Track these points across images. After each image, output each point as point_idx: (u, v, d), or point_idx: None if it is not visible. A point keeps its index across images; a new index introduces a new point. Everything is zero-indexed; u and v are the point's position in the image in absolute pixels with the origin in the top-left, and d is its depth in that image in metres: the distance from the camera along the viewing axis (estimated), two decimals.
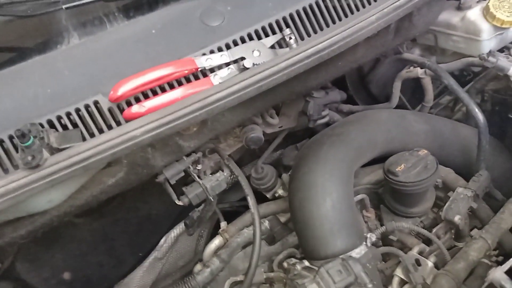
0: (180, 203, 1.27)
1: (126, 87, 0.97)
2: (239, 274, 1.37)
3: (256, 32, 1.11)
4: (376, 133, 1.29)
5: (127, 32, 1.13)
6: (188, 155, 1.22)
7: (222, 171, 1.31)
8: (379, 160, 1.36)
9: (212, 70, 1.07)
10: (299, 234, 1.13)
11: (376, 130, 1.29)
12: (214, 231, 1.56)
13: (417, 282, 1.07)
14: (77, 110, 0.99)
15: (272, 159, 1.65)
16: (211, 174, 1.32)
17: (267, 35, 1.11)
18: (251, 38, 1.10)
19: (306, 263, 1.08)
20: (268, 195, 1.60)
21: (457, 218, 1.22)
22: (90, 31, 1.14)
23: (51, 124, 0.98)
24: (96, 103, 1.00)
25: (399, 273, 1.12)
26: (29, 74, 1.05)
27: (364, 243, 1.12)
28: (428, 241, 1.24)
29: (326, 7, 1.15)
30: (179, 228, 1.57)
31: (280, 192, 1.58)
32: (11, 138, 0.96)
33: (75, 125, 0.99)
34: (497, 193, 1.32)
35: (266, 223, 1.44)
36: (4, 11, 1.10)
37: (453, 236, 1.29)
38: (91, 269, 1.64)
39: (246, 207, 1.65)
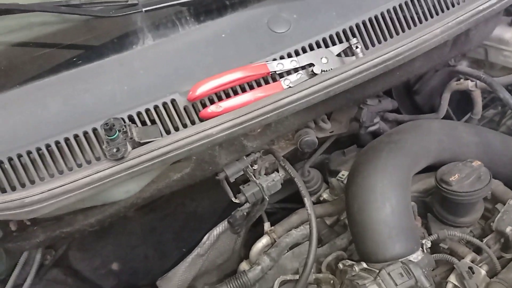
0: (237, 200, 1.31)
1: (204, 88, 1.02)
2: (288, 274, 1.41)
3: (324, 40, 1.15)
4: (430, 142, 1.32)
5: (199, 35, 1.18)
6: (247, 155, 1.27)
7: (277, 171, 1.35)
8: (427, 169, 1.39)
9: (281, 75, 1.11)
10: (357, 236, 1.17)
11: (430, 139, 1.32)
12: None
13: None
14: (155, 107, 1.04)
15: (317, 163, 1.69)
16: (265, 174, 1.36)
17: (333, 43, 1.15)
18: (318, 46, 1.14)
19: (364, 265, 1.11)
20: (313, 199, 1.64)
21: (508, 229, 1.24)
22: (164, 33, 1.19)
23: (131, 119, 1.03)
24: (173, 101, 1.05)
25: (453, 279, 1.15)
26: (107, 72, 1.10)
27: (421, 249, 1.15)
28: (477, 251, 1.27)
29: (391, 18, 1.19)
30: (222, 226, 1.61)
31: (325, 196, 1.62)
32: (94, 130, 1.01)
33: (152, 122, 1.05)
34: None
35: None
36: (84, 11, 1.15)
37: (501, 247, 1.31)
38: (138, 261, 1.69)
39: (285, 209, 1.70)
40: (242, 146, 1.19)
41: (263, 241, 1.50)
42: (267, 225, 1.56)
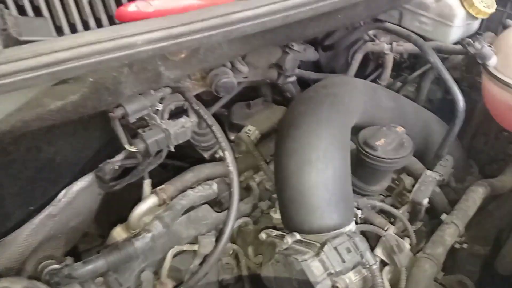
0: (132, 148, 0.99)
1: None
2: (183, 243, 1.15)
3: None
4: (359, 101, 1.18)
5: None
6: (157, 90, 0.96)
7: (188, 116, 1.06)
8: None
9: None
10: (289, 202, 0.97)
11: (358, 98, 1.18)
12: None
13: (402, 265, 0.99)
14: None
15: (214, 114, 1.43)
16: (168, 119, 1.06)
17: None
18: None
19: (298, 236, 0.92)
20: (206, 155, 1.39)
21: (425, 201, 1.19)
22: None
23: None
24: None
25: (379, 253, 1.04)
26: None
27: (354, 219, 1.00)
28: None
29: None
30: (85, 180, 1.25)
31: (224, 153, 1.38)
32: None
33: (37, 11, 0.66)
34: (452, 180, 1.33)
35: (214, 186, 1.23)
36: None
37: (409, 218, 1.26)
38: None
39: (165, 166, 1.41)
40: (157, 75, 0.87)
41: (149, 202, 1.18)
42: (147, 183, 1.24)
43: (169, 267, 1.12)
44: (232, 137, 1.37)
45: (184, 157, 1.47)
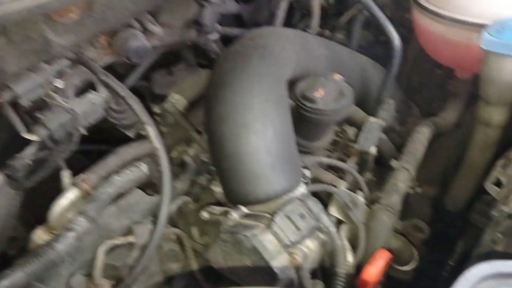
0: (33, 137, 0.82)
1: None
2: (116, 236, 1.00)
3: None
4: (291, 52, 1.07)
5: None
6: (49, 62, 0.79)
7: (96, 91, 0.90)
8: None
9: None
10: (228, 173, 0.85)
11: (290, 48, 1.07)
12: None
13: (359, 221, 0.92)
14: None
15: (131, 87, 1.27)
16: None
17: None
18: None
19: (245, 209, 0.81)
20: (130, 134, 1.24)
21: (373, 150, 1.12)
22: None
23: None
24: None
25: (334, 212, 0.95)
26: None
27: (303, 180, 0.91)
28: None
29: None
30: None
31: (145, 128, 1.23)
32: None
33: None
34: (395, 124, 1.27)
35: (144, 167, 1.08)
36: None
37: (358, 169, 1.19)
38: None
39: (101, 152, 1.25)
40: (44, 43, 0.71)
41: (70, 195, 1.03)
42: (66, 175, 1.08)
43: (103, 265, 0.97)
44: (156, 110, 1.22)
45: (107, 140, 1.32)
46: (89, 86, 0.94)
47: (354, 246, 0.93)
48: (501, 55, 1.05)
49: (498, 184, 0.83)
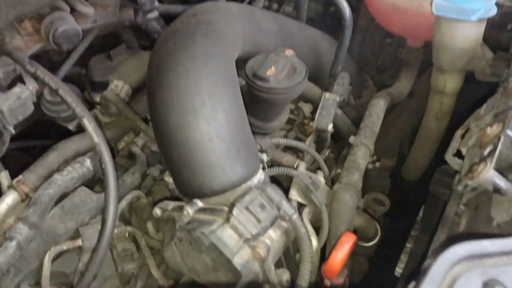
0: None
1: None
2: (62, 240, 0.92)
3: None
4: (237, 27, 0.99)
5: None
6: None
7: (24, 83, 0.80)
8: None
9: None
10: (177, 165, 0.78)
11: (236, 24, 1.00)
12: None
13: (321, 203, 0.88)
14: None
15: (70, 75, 1.17)
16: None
17: None
18: None
19: (200, 203, 0.75)
20: (71, 127, 1.14)
21: (330, 126, 1.08)
22: None
23: None
24: None
25: (295, 196, 0.91)
26: None
27: (261, 165, 0.85)
28: None
29: None
30: None
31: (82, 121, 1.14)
32: None
33: None
34: (351, 98, 1.24)
35: (88, 162, 0.99)
36: None
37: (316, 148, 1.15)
38: None
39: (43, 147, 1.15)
40: None
41: (7, 200, 0.93)
42: (3, 176, 0.98)
43: (51, 273, 0.89)
44: (97, 99, 1.13)
45: (48, 135, 1.22)
46: (17, 79, 0.84)
47: (317, 228, 0.90)
48: (453, 20, 1.03)
49: (458, 155, 0.81)
